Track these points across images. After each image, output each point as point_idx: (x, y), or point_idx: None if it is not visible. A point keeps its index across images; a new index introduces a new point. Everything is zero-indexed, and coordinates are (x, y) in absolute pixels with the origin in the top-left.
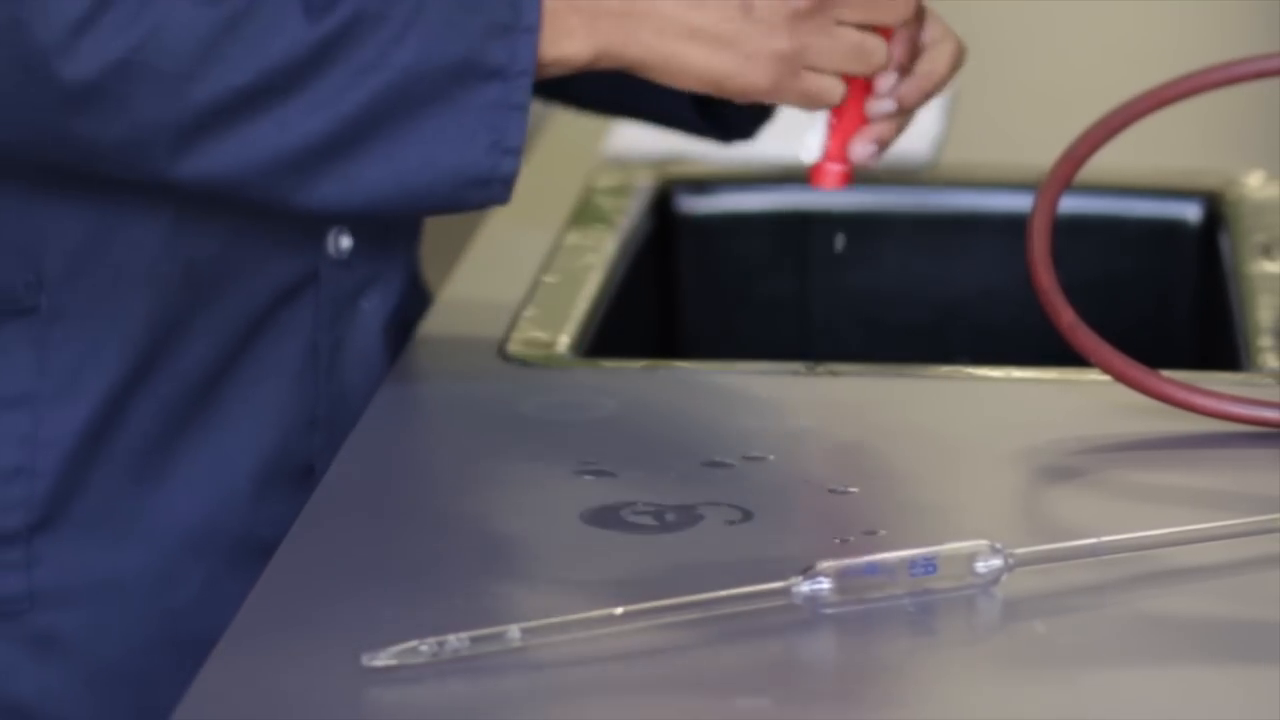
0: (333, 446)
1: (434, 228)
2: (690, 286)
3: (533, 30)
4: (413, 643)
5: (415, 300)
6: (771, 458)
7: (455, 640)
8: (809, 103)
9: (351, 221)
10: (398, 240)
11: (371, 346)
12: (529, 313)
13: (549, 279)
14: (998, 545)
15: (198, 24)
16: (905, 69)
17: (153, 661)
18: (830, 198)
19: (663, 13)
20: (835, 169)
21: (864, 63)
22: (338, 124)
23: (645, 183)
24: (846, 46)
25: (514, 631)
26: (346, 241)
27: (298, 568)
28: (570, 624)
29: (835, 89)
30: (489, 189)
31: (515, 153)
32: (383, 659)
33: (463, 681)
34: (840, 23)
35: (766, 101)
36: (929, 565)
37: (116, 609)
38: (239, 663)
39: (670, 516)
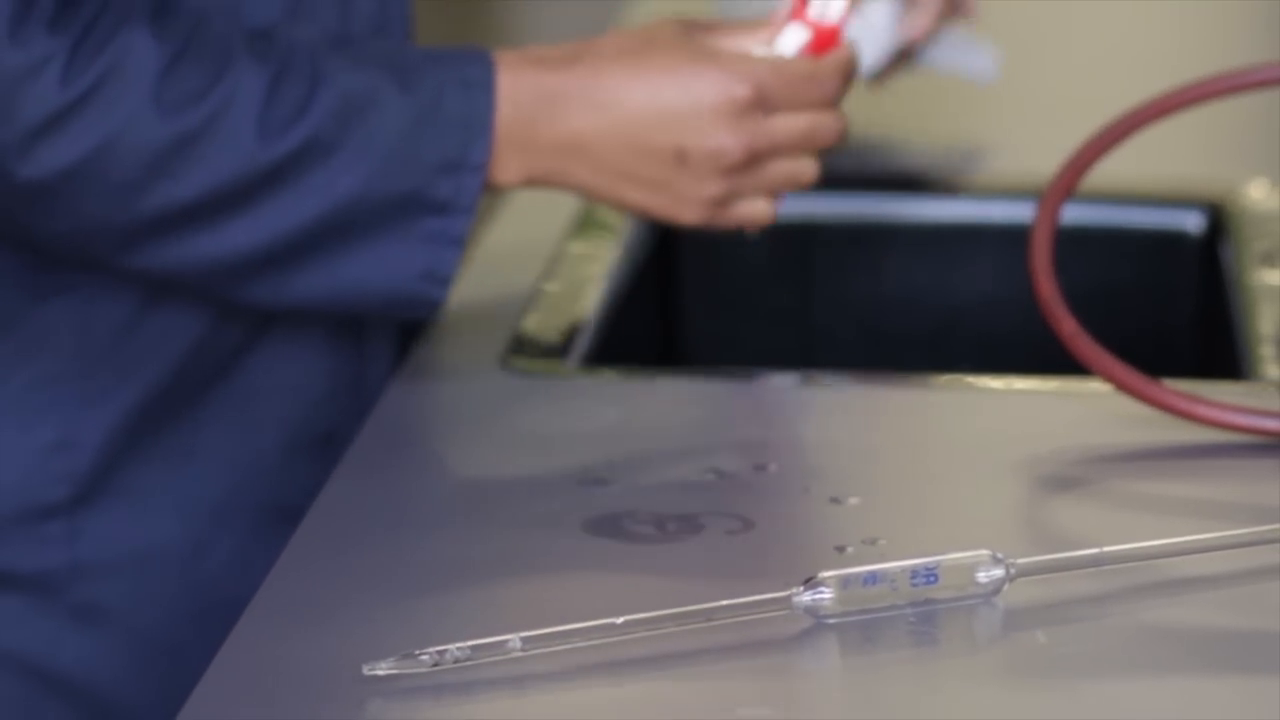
0: (353, 412)
1: None
2: (692, 295)
3: (480, 169)
4: (413, 652)
5: None
6: (773, 467)
7: (456, 649)
8: (741, 226)
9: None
10: None
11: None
12: (531, 321)
13: (551, 287)
14: (999, 555)
15: (154, 138)
16: None
17: (187, 629)
18: (833, 205)
19: (598, 155)
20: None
21: (794, 187)
22: (278, 241)
23: None
24: (778, 179)
25: (515, 641)
26: None
27: (298, 577)
28: (571, 633)
29: (766, 212)
30: (413, 310)
31: (446, 282)
32: (383, 668)
33: (463, 690)
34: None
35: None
36: (930, 575)
37: (152, 579)
38: (238, 672)
39: (671, 526)
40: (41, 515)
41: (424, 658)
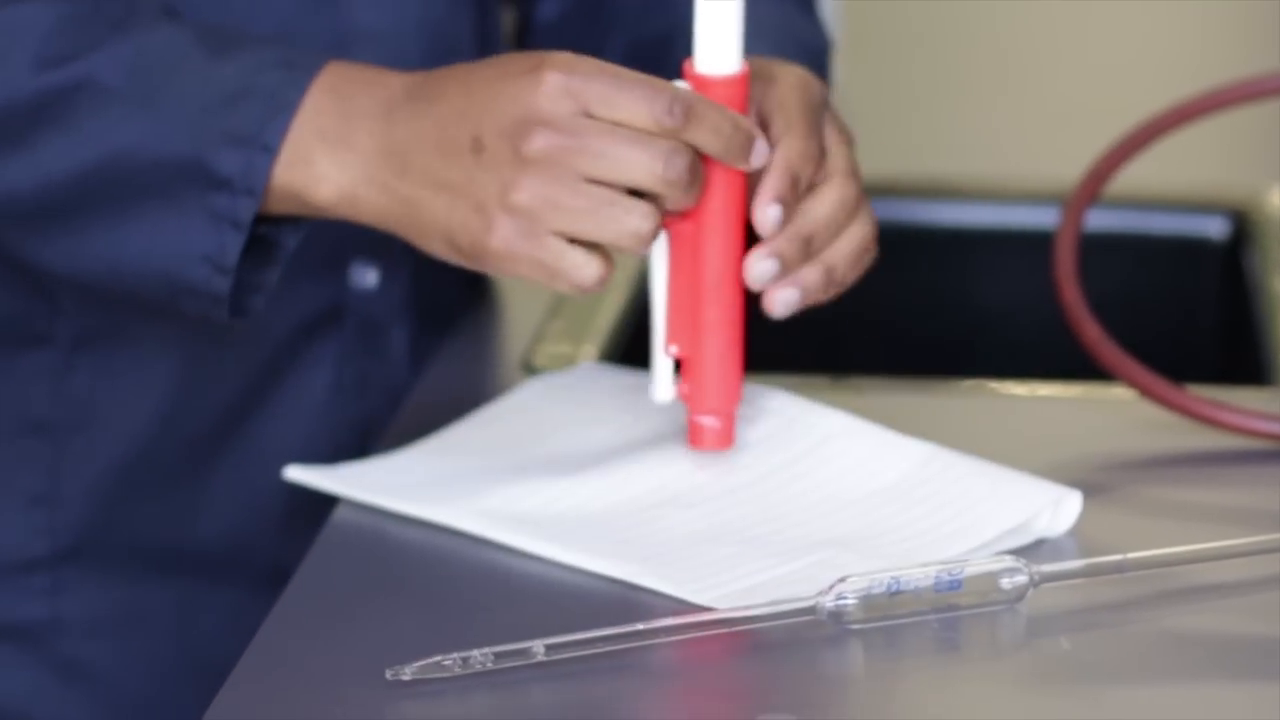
0: None
1: None
2: None
3: (270, 150)
4: (437, 657)
5: (456, 317)
6: None
7: (479, 655)
8: (552, 278)
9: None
10: (433, 270)
11: (400, 375)
12: (553, 325)
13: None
14: (1023, 561)
15: None
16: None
17: (176, 690)
18: None
19: (404, 156)
20: (711, 425)
21: (617, 231)
22: (54, 185)
23: None
24: (592, 205)
25: (538, 647)
26: (372, 276)
27: (323, 581)
28: (595, 640)
29: (585, 266)
30: (201, 301)
31: (228, 273)
32: (407, 673)
33: (486, 696)
34: (590, 179)
35: (504, 271)
36: (954, 581)
37: (139, 638)
38: (263, 676)
39: None
40: (22, 568)
41: (448, 663)
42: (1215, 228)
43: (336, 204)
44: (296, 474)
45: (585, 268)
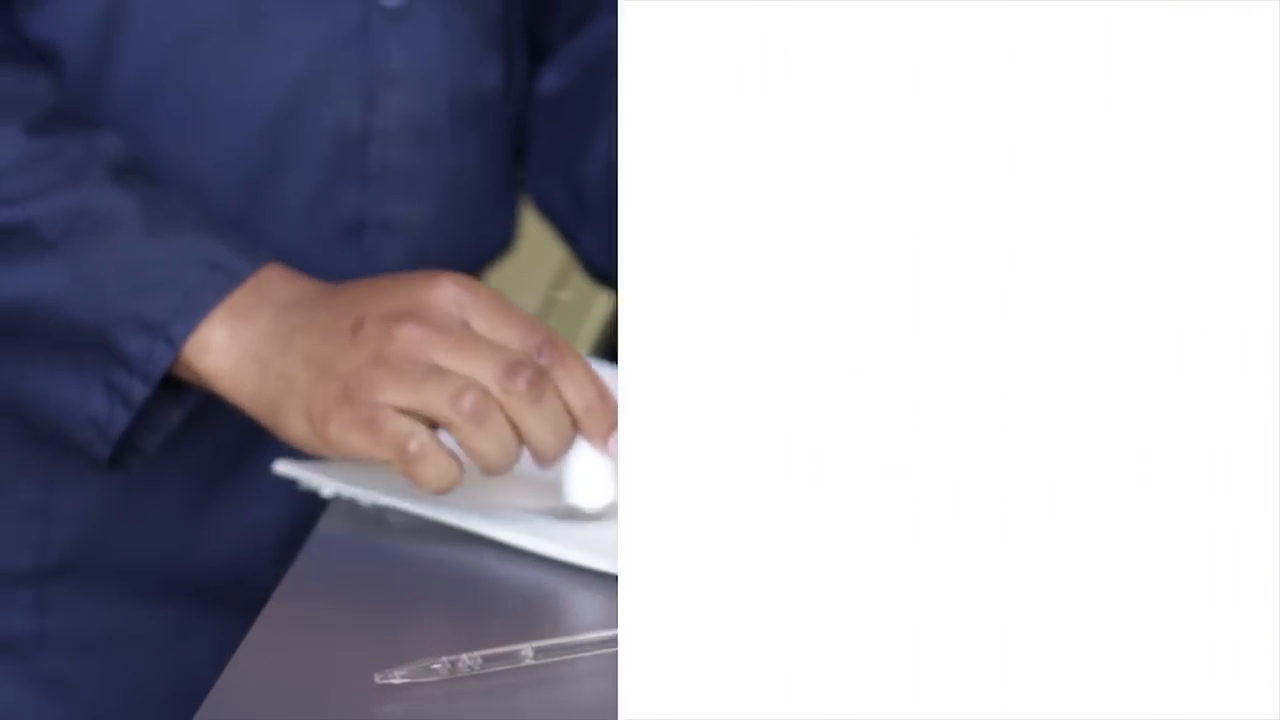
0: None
1: None
2: None
3: (173, 344)
4: (426, 661)
5: None
6: None
7: (468, 659)
8: (387, 448)
9: None
10: None
11: None
12: None
13: (562, 296)
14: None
15: None
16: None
17: (160, 714)
18: None
19: (291, 337)
20: None
21: (439, 397)
22: None
23: None
24: (425, 374)
25: (527, 650)
26: None
27: (312, 585)
28: (583, 644)
29: (414, 435)
30: (82, 451)
31: (110, 442)
32: (396, 677)
33: (475, 700)
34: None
35: (347, 446)
36: None
37: (128, 660)
38: (253, 678)
39: None
40: (9, 580)
41: (437, 667)
42: None
43: (215, 375)
44: (285, 469)
45: (414, 438)
